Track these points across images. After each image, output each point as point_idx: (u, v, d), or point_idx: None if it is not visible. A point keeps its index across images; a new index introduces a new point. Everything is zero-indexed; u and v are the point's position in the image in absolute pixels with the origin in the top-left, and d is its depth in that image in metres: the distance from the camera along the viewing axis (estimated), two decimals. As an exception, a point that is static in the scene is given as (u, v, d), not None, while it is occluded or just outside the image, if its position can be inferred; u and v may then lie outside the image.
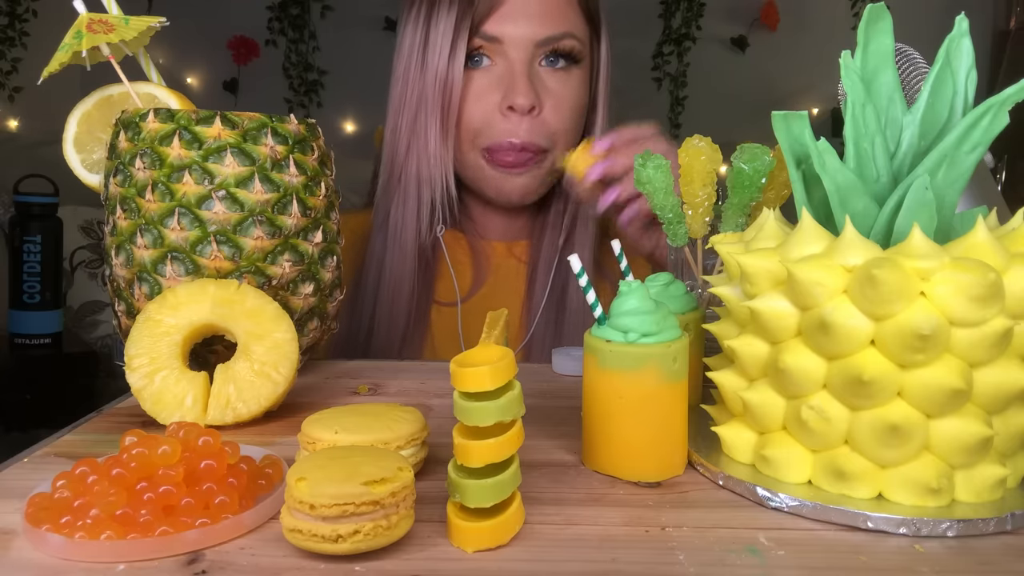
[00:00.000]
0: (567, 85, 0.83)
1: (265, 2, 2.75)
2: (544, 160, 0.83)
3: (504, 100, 0.80)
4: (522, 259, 0.91)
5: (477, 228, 0.91)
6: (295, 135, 0.58)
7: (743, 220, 0.53)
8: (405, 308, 0.84)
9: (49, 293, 2.07)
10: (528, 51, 0.80)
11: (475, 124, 0.81)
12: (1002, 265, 0.36)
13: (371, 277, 0.86)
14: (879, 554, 0.35)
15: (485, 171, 0.83)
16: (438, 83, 0.80)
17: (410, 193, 0.84)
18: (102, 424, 0.51)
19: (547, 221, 0.90)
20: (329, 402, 0.56)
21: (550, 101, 0.81)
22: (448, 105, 0.81)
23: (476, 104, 0.81)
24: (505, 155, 0.81)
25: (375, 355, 0.84)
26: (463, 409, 0.34)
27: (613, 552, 0.34)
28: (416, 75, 0.82)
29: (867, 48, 0.43)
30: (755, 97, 2.71)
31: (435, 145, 0.82)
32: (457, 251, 0.90)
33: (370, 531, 0.32)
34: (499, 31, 0.79)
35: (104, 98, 0.62)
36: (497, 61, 0.81)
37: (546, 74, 0.82)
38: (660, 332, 0.41)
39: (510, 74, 0.80)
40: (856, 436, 0.38)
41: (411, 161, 0.83)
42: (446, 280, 0.89)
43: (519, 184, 0.83)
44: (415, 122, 0.83)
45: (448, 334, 0.87)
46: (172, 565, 0.33)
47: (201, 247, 0.54)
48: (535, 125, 0.81)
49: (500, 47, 0.80)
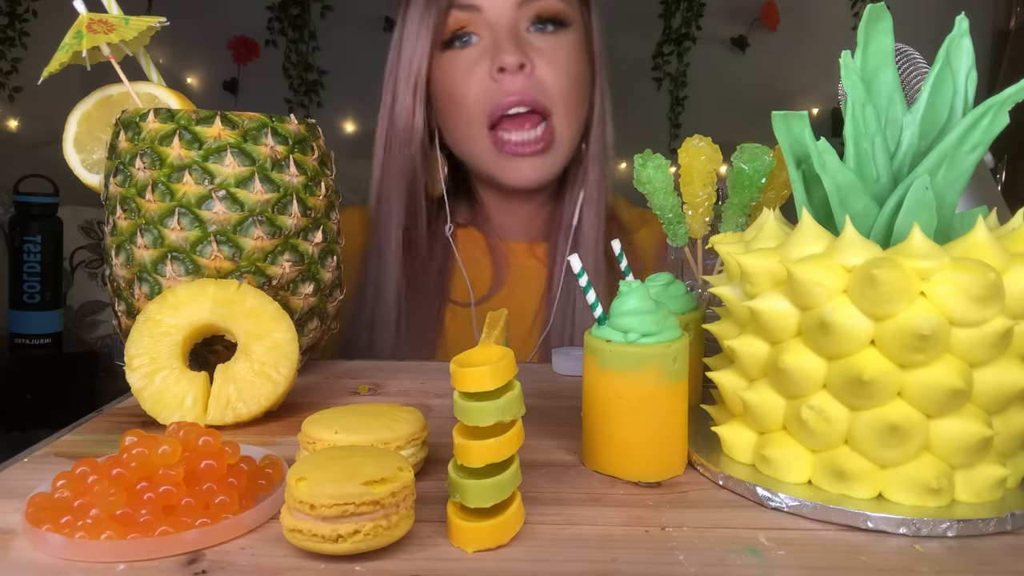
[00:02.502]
0: (558, 47, 0.82)
1: (265, 2, 2.75)
2: (553, 135, 0.82)
3: (493, 64, 0.80)
4: (543, 261, 0.90)
5: (495, 228, 0.91)
6: (295, 135, 0.58)
7: (743, 220, 0.53)
8: (394, 296, 0.84)
9: (49, 293, 2.07)
10: (509, 14, 0.80)
11: (471, 99, 0.81)
12: (1002, 265, 0.36)
13: (371, 276, 0.86)
14: (879, 554, 0.35)
15: (495, 156, 0.83)
16: (408, 55, 0.82)
17: (393, 188, 0.84)
18: (102, 424, 0.51)
19: (562, 220, 0.89)
20: (329, 402, 0.56)
21: (542, 61, 0.81)
22: (418, 83, 0.82)
23: (468, 79, 0.81)
24: (515, 145, 0.80)
25: (378, 352, 0.84)
26: (463, 409, 0.34)
27: (613, 552, 0.34)
28: (394, 57, 0.84)
29: (867, 48, 0.43)
30: (755, 97, 2.70)
31: (413, 119, 0.83)
32: (475, 251, 0.90)
33: (370, 531, 0.32)
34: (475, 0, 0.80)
35: (104, 98, 0.62)
36: (483, 34, 0.81)
37: (535, 38, 0.82)
38: (660, 332, 0.41)
39: (495, 41, 0.80)
40: (856, 436, 0.38)
41: (395, 145, 0.84)
42: (462, 279, 0.89)
43: (532, 165, 0.82)
44: (393, 108, 0.84)
45: (463, 335, 0.86)
46: (172, 565, 0.33)
47: (201, 247, 0.54)
48: (530, 83, 0.80)
49: (481, 16, 0.80)
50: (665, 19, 2.87)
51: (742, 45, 2.90)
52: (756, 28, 2.89)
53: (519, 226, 0.91)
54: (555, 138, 0.82)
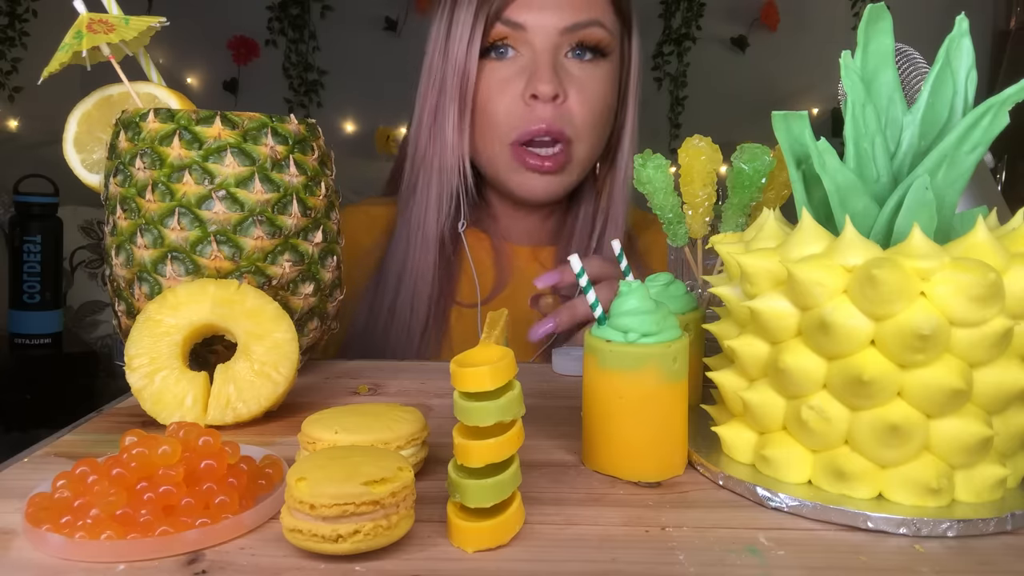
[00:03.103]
0: (593, 77, 0.82)
1: (265, 2, 2.75)
2: (571, 158, 0.82)
3: (527, 88, 0.79)
4: (547, 265, 0.90)
5: (501, 230, 0.91)
6: (295, 135, 0.58)
7: (743, 220, 0.53)
8: (425, 303, 0.84)
9: (49, 293, 2.07)
10: (553, 39, 0.79)
11: (500, 116, 0.81)
12: (1002, 265, 0.36)
13: (393, 270, 0.85)
14: (879, 554, 0.35)
15: (510, 169, 0.82)
16: (456, 69, 0.80)
17: (432, 183, 0.84)
18: (102, 424, 0.51)
19: (575, 227, 0.89)
20: (329, 402, 0.56)
21: (574, 91, 0.81)
22: (465, 91, 0.81)
23: (500, 95, 0.81)
24: (535, 159, 0.80)
25: (393, 349, 0.83)
26: (463, 409, 0.34)
27: (613, 552, 0.34)
28: (439, 63, 0.83)
29: (867, 48, 0.43)
30: (755, 97, 2.71)
31: (452, 133, 0.82)
32: (480, 252, 0.89)
33: (370, 531, 0.32)
34: (522, 18, 0.79)
35: (104, 98, 0.62)
36: (522, 51, 0.81)
37: (572, 65, 0.81)
38: (660, 332, 0.41)
39: (534, 63, 0.80)
40: (856, 436, 0.38)
41: (433, 152, 0.83)
42: (468, 282, 0.88)
43: (544, 182, 0.82)
44: (436, 111, 0.83)
45: (467, 336, 0.86)
46: (172, 565, 0.33)
47: (201, 247, 0.54)
48: (559, 112, 0.80)
49: (524, 35, 0.80)
50: (665, 19, 2.87)
51: (742, 45, 2.90)
52: (756, 28, 2.89)
53: (525, 230, 0.91)
54: (571, 159, 0.82)
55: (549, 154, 0.81)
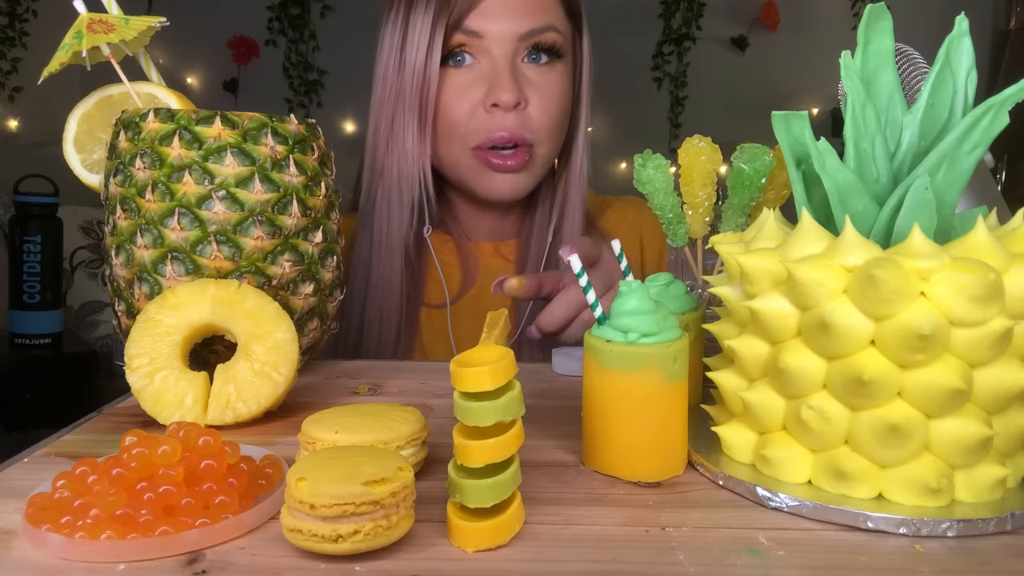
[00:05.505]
0: (550, 80, 0.82)
1: (265, 2, 2.75)
2: (533, 157, 0.83)
3: (488, 97, 0.79)
4: (509, 258, 0.91)
5: (464, 230, 0.91)
6: (295, 135, 0.58)
7: (743, 220, 0.53)
8: (395, 309, 0.84)
9: (49, 293, 2.07)
10: (510, 46, 0.80)
11: (460, 122, 0.81)
12: (1002, 265, 0.36)
13: (359, 279, 0.85)
14: (879, 554, 0.35)
15: (474, 170, 0.83)
16: (415, 80, 0.80)
17: (392, 193, 0.84)
18: (102, 424, 0.51)
19: (535, 219, 0.90)
20: (329, 402, 0.56)
21: (535, 97, 0.81)
22: (425, 102, 0.80)
23: (460, 102, 0.81)
24: (499, 158, 0.81)
25: (365, 357, 0.84)
26: (463, 409, 0.34)
27: (613, 552, 0.34)
28: (394, 74, 0.82)
29: (867, 48, 0.43)
30: (755, 97, 2.71)
31: (412, 144, 0.82)
32: (445, 254, 0.90)
33: (370, 531, 0.32)
34: (480, 26, 0.79)
35: (104, 98, 0.62)
36: (480, 59, 0.81)
37: (529, 70, 0.82)
38: (660, 332, 0.41)
39: (493, 71, 0.80)
40: (856, 436, 0.38)
41: (391, 161, 0.83)
42: (435, 283, 0.89)
43: (508, 181, 0.83)
44: (393, 121, 0.83)
45: (438, 336, 0.87)
46: (172, 565, 0.33)
47: (201, 247, 0.54)
48: (520, 119, 0.80)
49: (482, 43, 0.80)
50: (665, 19, 2.87)
51: (742, 45, 2.90)
52: (756, 28, 2.89)
53: (488, 228, 0.91)
54: (533, 159, 0.83)
55: (511, 153, 0.81)
